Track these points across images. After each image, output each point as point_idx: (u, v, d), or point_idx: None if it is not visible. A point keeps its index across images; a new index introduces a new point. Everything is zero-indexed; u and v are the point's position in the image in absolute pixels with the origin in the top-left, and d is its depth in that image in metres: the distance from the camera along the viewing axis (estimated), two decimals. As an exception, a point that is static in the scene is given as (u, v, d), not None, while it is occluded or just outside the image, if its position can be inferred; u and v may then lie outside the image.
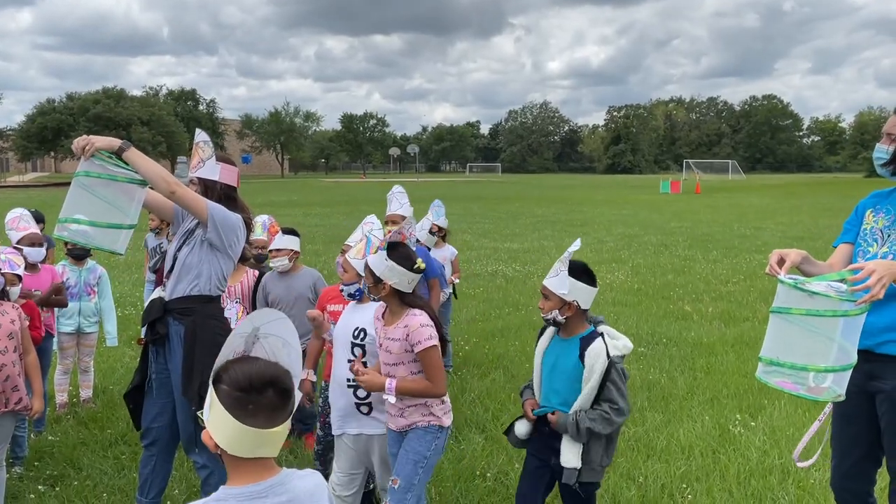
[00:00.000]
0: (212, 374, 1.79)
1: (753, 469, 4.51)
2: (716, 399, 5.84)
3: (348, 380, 3.37)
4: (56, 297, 5.12)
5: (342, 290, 3.55)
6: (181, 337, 3.63)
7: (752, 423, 5.26)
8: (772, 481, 4.34)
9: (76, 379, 5.93)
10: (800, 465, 3.11)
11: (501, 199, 36.91)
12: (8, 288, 4.32)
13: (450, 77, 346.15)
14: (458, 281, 7.18)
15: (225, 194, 3.78)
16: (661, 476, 4.41)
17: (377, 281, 3.14)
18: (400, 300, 3.16)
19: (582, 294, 3.11)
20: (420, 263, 3.14)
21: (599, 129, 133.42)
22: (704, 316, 9.06)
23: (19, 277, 4.42)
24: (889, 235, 2.84)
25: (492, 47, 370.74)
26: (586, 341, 3.08)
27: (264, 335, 1.86)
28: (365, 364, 3.29)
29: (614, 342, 3.13)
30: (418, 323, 3.07)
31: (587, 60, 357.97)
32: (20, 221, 5.25)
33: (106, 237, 3.55)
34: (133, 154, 3.45)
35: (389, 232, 5.13)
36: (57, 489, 4.31)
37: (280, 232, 4.99)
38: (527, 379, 5.96)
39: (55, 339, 5.47)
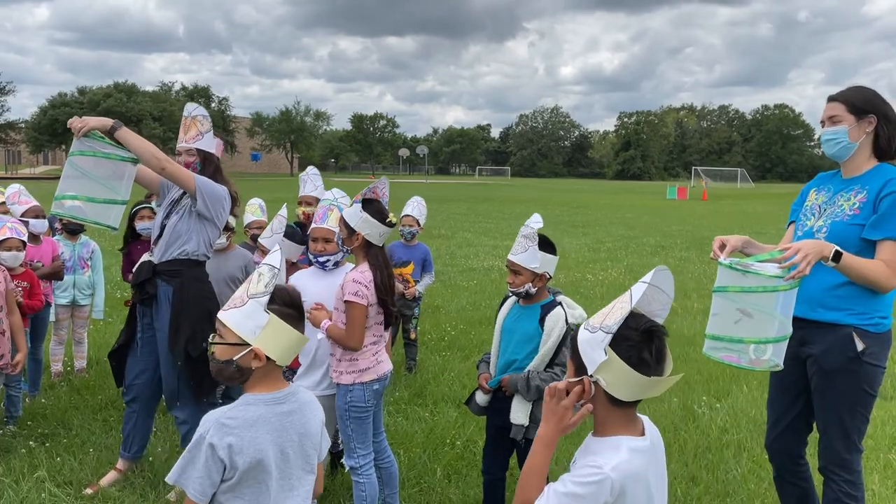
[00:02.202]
0: (266, 300, 2.14)
1: (711, 444, 4.70)
2: (687, 384, 6.02)
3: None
4: (56, 264, 5.40)
5: (319, 260, 3.66)
6: (168, 297, 3.87)
7: (717, 405, 5.45)
8: (727, 455, 4.53)
9: (70, 350, 6.17)
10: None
11: (507, 200, 37.11)
12: (15, 253, 4.59)
13: (462, 80, 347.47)
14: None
15: (217, 166, 4.05)
16: (621, 448, 4.60)
17: (351, 232, 3.37)
18: (366, 252, 3.38)
19: (550, 265, 3.32)
20: (392, 218, 3.37)
21: (610, 135, 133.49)
22: (689, 311, 9.24)
23: (24, 243, 4.68)
24: (825, 210, 3.04)
25: (505, 51, 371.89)
26: (547, 308, 3.32)
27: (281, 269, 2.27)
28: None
29: (572, 311, 3.35)
30: (352, 278, 3.29)
31: (600, 66, 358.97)
32: (20, 195, 5.54)
33: (99, 212, 3.78)
34: (124, 133, 3.67)
35: (304, 213, 5.21)
36: (47, 445, 4.54)
37: None
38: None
39: (52, 310, 5.72)
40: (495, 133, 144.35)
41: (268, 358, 2.10)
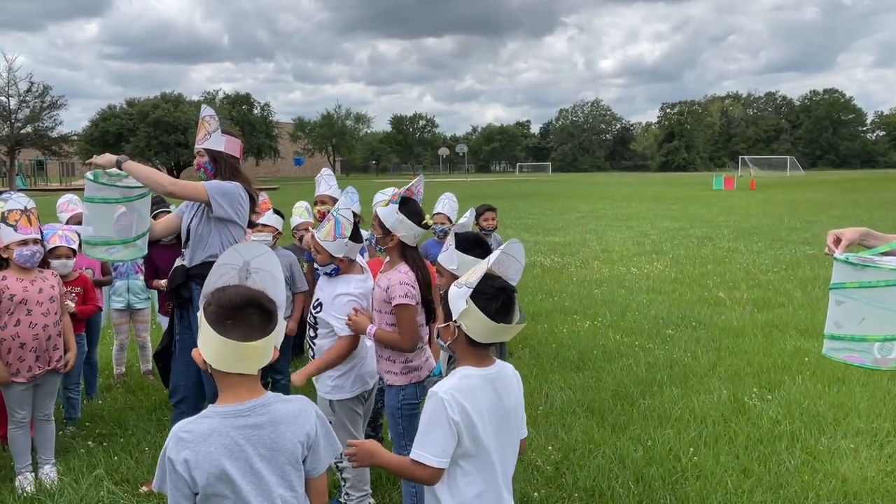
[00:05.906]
0: (202, 300, 2.00)
1: (763, 436, 4.60)
2: (736, 376, 5.90)
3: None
4: (105, 278, 5.60)
5: (317, 270, 3.66)
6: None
7: (769, 397, 5.33)
8: (779, 447, 4.43)
9: (131, 354, 6.36)
10: None
11: (549, 196, 36.83)
12: (64, 261, 4.76)
13: (501, 77, 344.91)
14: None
15: (230, 165, 4.12)
16: (670, 440, 4.54)
17: (386, 232, 3.33)
18: (401, 253, 3.37)
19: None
20: (428, 220, 3.36)
21: (653, 127, 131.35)
22: (738, 302, 9.05)
23: (74, 252, 4.85)
24: None
25: (543, 47, 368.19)
26: None
27: (255, 269, 2.07)
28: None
29: None
30: (398, 280, 3.25)
31: (641, 58, 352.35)
32: (69, 204, 5.81)
33: (119, 250, 3.97)
34: (129, 165, 3.82)
35: (319, 212, 5.25)
36: (104, 445, 4.70)
37: (271, 210, 5.35)
38: (550, 357, 6.09)
39: (104, 315, 5.91)
40: (535, 129, 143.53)
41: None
